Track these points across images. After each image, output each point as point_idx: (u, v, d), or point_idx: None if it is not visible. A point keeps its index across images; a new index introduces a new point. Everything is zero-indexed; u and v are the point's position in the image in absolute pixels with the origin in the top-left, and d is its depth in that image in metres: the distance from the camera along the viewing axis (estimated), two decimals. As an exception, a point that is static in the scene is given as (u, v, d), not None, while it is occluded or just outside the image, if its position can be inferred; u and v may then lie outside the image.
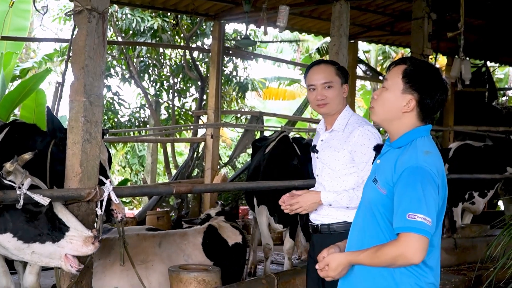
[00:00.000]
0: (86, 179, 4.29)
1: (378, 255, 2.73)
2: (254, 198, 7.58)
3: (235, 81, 15.32)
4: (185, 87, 15.17)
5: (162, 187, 4.79)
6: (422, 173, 2.71)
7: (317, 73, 4.05)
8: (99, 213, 4.24)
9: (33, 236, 3.79)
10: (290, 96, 23.35)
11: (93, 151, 4.33)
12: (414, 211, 2.64)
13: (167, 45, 13.86)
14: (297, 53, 24.45)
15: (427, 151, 2.81)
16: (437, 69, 3.00)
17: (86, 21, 4.24)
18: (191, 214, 11.67)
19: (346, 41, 7.15)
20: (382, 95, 2.97)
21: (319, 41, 18.12)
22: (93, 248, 3.85)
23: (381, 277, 2.83)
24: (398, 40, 14.46)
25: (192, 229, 6.17)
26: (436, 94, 2.88)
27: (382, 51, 19.80)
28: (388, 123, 2.98)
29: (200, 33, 13.94)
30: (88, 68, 4.27)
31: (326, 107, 4.00)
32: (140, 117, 15.08)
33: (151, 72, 14.69)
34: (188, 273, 5.31)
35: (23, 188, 3.65)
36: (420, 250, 2.63)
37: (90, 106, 4.29)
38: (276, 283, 5.86)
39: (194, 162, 12.58)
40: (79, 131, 4.25)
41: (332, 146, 3.99)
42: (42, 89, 11.82)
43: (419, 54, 8.98)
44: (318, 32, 13.24)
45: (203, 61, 14.80)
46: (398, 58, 16.37)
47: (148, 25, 13.02)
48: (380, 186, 2.86)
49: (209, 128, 11.62)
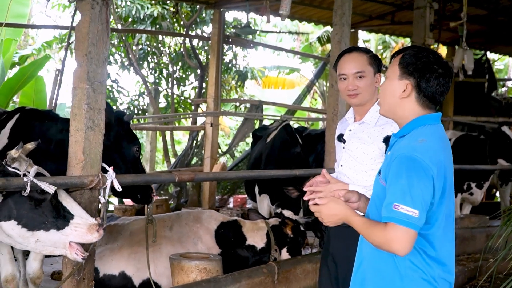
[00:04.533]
0: (89, 167, 4.27)
1: (369, 230, 2.73)
2: (256, 187, 7.60)
3: (235, 70, 15.28)
4: (184, 75, 15.13)
5: (165, 175, 4.79)
6: (410, 163, 2.66)
7: (349, 62, 3.88)
8: (102, 201, 4.22)
9: (37, 223, 3.76)
10: (290, 85, 23.28)
11: (96, 138, 4.31)
12: (399, 201, 2.61)
13: (167, 32, 13.81)
14: (296, 41, 24.42)
15: (422, 140, 2.75)
16: (436, 53, 2.92)
17: (89, 8, 4.20)
18: (190, 202, 11.67)
19: (348, 30, 7.12)
20: (383, 85, 2.97)
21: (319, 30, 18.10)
22: (98, 235, 3.83)
23: (387, 270, 2.82)
24: (398, 29, 14.45)
25: (209, 215, 6.14)
26: (432, 77, 2.82)
27: (382, 41, 19.76)
28: (392, 113, 2.95)
29: (199, 21, 13.89)
30: (91, 55, 4.23)
31: (358, 97, 3.86)
32: (139, 105, 15.04)
33: (150, 60, 14.65)
34: (189, 261, 5.31)
35: (30, 175, 3.64)
36: (404, 242, 2.60)
37: (93, 93, 4.26)
38: (277, 272, 5.87)
39: (193, 151, 12.57)
40: (82, 118, 4.22)
41: (361, 139, 3.86)
42: (41, 76, 11.79)
43: (421, 44, 8.96)
44: (319, 20, 13.23)
45: (203, 49, 14.75)
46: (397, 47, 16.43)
47: (148, 13, 12.97)
48: (381, 178, 2.85)
49: (209, 116, 11.59)
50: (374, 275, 2.87)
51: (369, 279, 2.90)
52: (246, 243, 6.01)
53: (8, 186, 3.57)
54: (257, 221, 6.22)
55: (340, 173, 4.00)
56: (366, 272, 2.93)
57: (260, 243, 6.03)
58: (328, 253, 3.98)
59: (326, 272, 3.98)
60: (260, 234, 6.05)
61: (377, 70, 3.91)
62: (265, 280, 5.78)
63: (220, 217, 6.15)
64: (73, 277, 4.29)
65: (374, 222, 2.75)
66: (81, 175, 4.19)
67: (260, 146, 8.09)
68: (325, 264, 3.99)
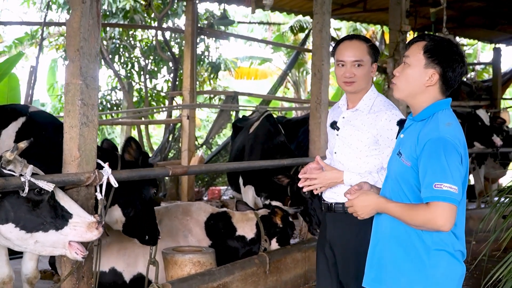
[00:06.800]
0: (85, 163, 4.22)
1: (410, 213, 2.86)
2: (240, 178, 7.58)
3: (207, 61, 15.22)
4: (157, 68, 15.04)
5: (159, 170, 4.77)
6: (445, 144, 2.82)
7: (348, 49, 3.88)
8: (99, 197, 4.17)
9: (36, 225, 3.69)
10: (262, 75, 23.30)
11: (90, 134, 4.25)
12: (440, 180, 2.77)
13: (140, 26, 13.71)
14: (268, 32, 24.40)
15: (449, 123, 2.92)
16: (454, 43, 3.08)
17: (80, 2, 4.13)
18: (168, 196, 11.63)
19: (329, 19, 7.12)
20: (404, 71, 3.06)
21: (290, 19, 18.09)
22: (97, 233, 3.79)
23: (413, 247, 2.95)
24: (369, 17, 14.55)
25: (198, 207, 6.13)
26: (458, 67, 2.99)
27: (353, 29, 19.82)
28: (412, 97, 3.07)
29: (171, 13, 13.80)
30: (84, 50, 4.17)
31: (353, 85, 3.86)
32: (112, 100, 14.92)
33: (121, 54, 14.52)
34: (183, 255, 5.30)
35: (27, 175, 3.58)
36: (449, 217, 2.77)
37: (86, 89, 4.20)
38: (268, 262, 5.89)
39: (170, 144, 12.51)
40: (76, 114, 4.16)
41: (355, 126, 3.87)
42: (15, 73, 11.63)
43: (397, 31, 9.01)
44: (291, 10, 13.24)
45: (175, 42, 14.66)
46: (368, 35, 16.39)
47: (120, 6, 12.86)
48: (404, 159, 2.98)
49: (185, 109, 11.53)
50: (395, 251, 3.00)
51: (388, 257, 3.03)
52: (236, 234, 6.01)
53: (7, 185, 3.50)
54: (246, 212, 6.23)
55: (334, 160, 4.01)
56: (384, 251, 3.06)
57: (250, 233, 6.04)
58: (325, 240, 3.98)
59: (324, 260, 3.99)
60: (249, 224, 6.07)
61: (374, 60, 3.92)
62: (257, 270, 5.81)
63: (209, 209, 6.14)
64: (72, 276, 4.25)
65: (413, 205, 2.89)
66: (77, 172, 4.14)
67: (243, 137, 8.06)
68: (322, 252, 4.00)
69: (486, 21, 14.34)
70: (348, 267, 3.81)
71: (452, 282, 2.94)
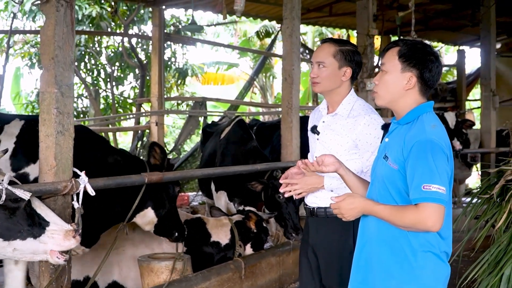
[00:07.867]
0: (61, 172, 4.18)
1: (398, 214, 2.88)
2: (212, 184, 7.56)
3: (174, 67, 15.19)
4: (123, 74, 14.96)
5: (135, 177, 4.72)
6: (432, 146, 2.86)
7: (317, 51, 4.02)
8: (76, 206, 4.14)
9: (13, 233, 3.67)
10: (229, 81, 23.28)
11: (66, 143, 4.22)
12: (429, 182, 2.80)
13: (107, 32, 13.64)
14: (234, 37, 24.42)
15: (434, 125, 2.97)
16: (427, 44, 3.15)
17: (54, 10, 4.09)
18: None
19: (299, 23, 7.18)
20: (383, 79, 3.12)
21: (257, 24, 18.15)
22: (75, 241, 3.77)
23: (400, 248, 2.97)
24: (335, 21, 14.64)
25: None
26: (434, 66, 3.04)
27: (319, 33, 19.95)
28: (395, 103, 3.12)
29: (137, 20, 13.75)
30: (58, 58, 4.14)
31: (318, 86, 3.94)
32: (78, 107, 14.79)
33: (87, 61, 14.42)
34: (159, 262, 5.28)
35: (4, 183, 3.54)
36: (438, 218, 2.80)
37: (61, 97, 4.17)
38: (244, 267, 5.91)
39: (139, 151, 12.46)
40: (52, 123, 4.13)
41: (334, 130, 3.91)
42: (-19, 81, 11.42)
43: (365, 35, 9.11)
44: (257, 15, 13.28)
45: (141, 48, 14.61)
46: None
47: (86, 13, 12.76)
48: (391, 162, 3.00)
49: (153, 115, 11.50)
50: (382, 254, 3.02)
51: (376, 258, 3.05)
52: (211, 240, 6.00)
53: (-16, 195, 3.47)
54: (220, 218, 6.22)
55: None
56: (371, 252, 3.08)
57: (224, 239, 6.04)
58: (307, 244, 4.01)
59: (307, 264, 4.01)
60: (224, 230, 6.06)
61: (344, 65, 3.91)
62: (233, 276, 5.82)
63: (183, 215, 6.12)
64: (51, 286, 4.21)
65: (402, 206, 2.92)
66: (54, 181, 4.11)
67: (214, 142, 8.04)
68: (305, 256, 4.02)
69: (450, 24, 14.51)
70: (331, 271, 3.84)
71: (438, 283, 2.98)
